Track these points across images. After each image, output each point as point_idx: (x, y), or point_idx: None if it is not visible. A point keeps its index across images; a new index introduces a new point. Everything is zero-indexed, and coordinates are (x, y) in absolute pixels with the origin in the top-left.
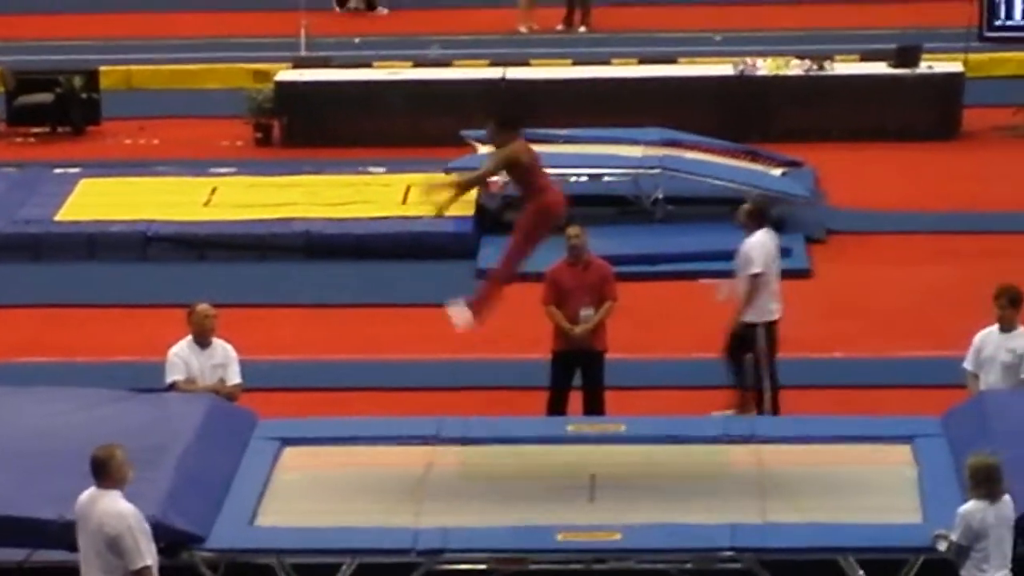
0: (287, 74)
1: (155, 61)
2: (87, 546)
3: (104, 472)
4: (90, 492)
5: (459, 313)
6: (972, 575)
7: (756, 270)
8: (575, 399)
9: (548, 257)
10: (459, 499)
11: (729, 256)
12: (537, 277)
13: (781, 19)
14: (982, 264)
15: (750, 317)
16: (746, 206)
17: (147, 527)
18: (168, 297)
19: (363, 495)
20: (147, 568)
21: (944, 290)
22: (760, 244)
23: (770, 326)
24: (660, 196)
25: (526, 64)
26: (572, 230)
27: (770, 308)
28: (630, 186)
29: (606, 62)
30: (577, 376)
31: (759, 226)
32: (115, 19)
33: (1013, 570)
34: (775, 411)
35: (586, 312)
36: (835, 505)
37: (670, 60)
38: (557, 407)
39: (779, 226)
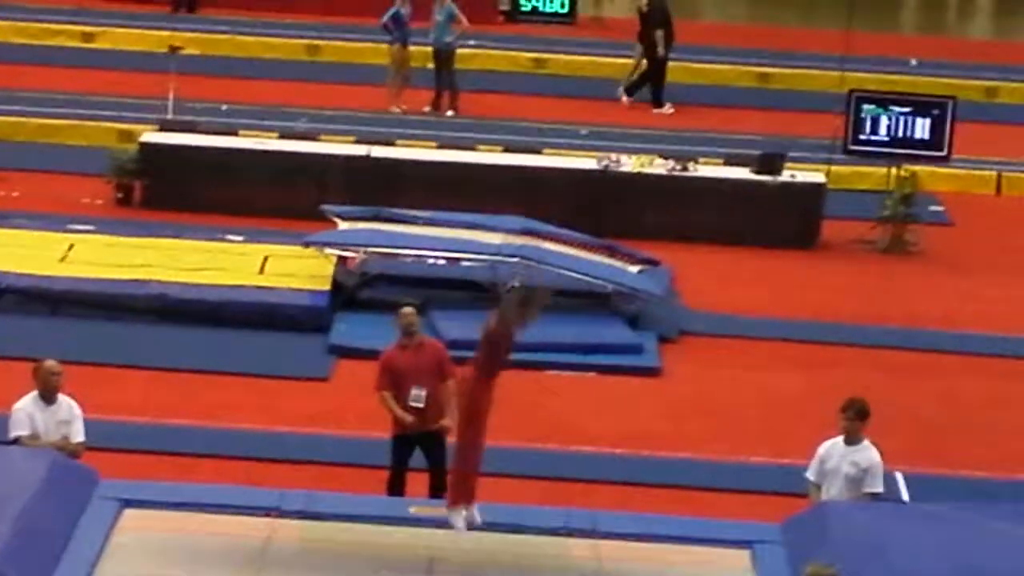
0: (152, 136)
1: (21, 113)
2: None
3: None
4: None
5: (458, 519)
6: None
7: None
8: (421, 480)
9: (384, 340)
10: (297, 574)
11: (579, 349)
12: (377, 356)
13: (648, 118)
14: (830, 374)
15: None
16: None
17: None
18: (18, 351)
19: (201, 562)
20: None
21: (791, 398)
22: None
23: None
24: (516, 284)
25: (391, 144)
26: (406, 310)
27: None
28: (487, 272)
29: (471, 147)
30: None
31: None
32: None
33: None
34: None
35: (417, 392)
36: None
37: (535, 150)
38: (397, 487)
39: (634, 322)
